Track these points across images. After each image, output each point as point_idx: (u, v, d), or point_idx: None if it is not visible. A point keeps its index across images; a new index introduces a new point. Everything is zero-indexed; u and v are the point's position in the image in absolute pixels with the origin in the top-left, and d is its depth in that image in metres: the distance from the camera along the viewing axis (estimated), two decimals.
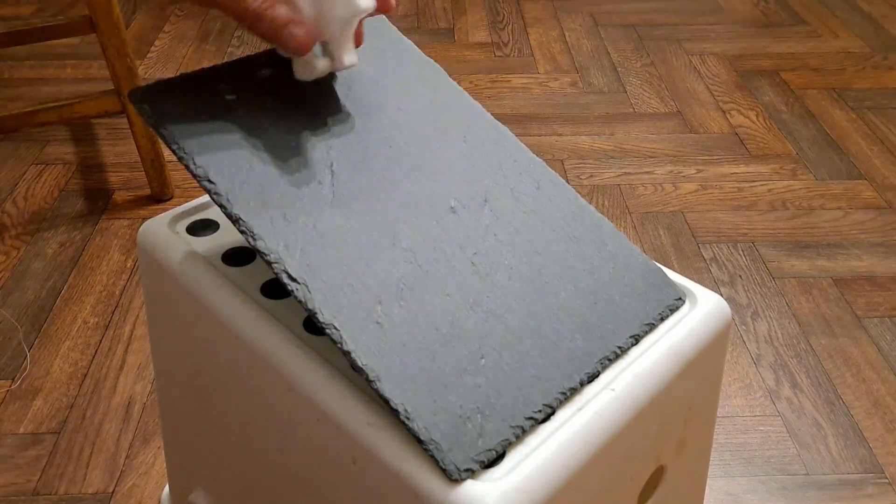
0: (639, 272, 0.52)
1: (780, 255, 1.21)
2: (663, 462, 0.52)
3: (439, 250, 0.48)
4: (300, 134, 0.52)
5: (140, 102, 0.49)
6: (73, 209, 1.30)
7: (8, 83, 1.67)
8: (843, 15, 1.96)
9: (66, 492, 0.86)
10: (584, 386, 0.46)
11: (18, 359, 1.03)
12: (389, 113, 0.55)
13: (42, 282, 1.15)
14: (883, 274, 1.17)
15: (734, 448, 0.92)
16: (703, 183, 1.37)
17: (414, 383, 0.43)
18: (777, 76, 1.70)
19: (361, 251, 0.47)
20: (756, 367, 1.02)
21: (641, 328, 0.49)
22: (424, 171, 0.52)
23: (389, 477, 0.42)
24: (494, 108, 1.59)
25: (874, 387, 0.99)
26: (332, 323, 0.43)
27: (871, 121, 1.54)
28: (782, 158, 1.44)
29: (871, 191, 1.35)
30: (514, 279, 0.48)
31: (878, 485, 0.88)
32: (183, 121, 0.49)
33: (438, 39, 1.86)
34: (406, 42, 0.61)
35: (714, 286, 1.15)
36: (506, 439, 0.42)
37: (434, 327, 0.45)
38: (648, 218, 1.29)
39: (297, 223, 0.47)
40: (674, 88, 1.65)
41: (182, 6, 2.00)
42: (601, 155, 1.45)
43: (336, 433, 0.44)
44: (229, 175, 0.48)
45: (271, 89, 0.54)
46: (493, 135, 0.56)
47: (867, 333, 1.07)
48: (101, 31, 1.19)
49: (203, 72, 0.53)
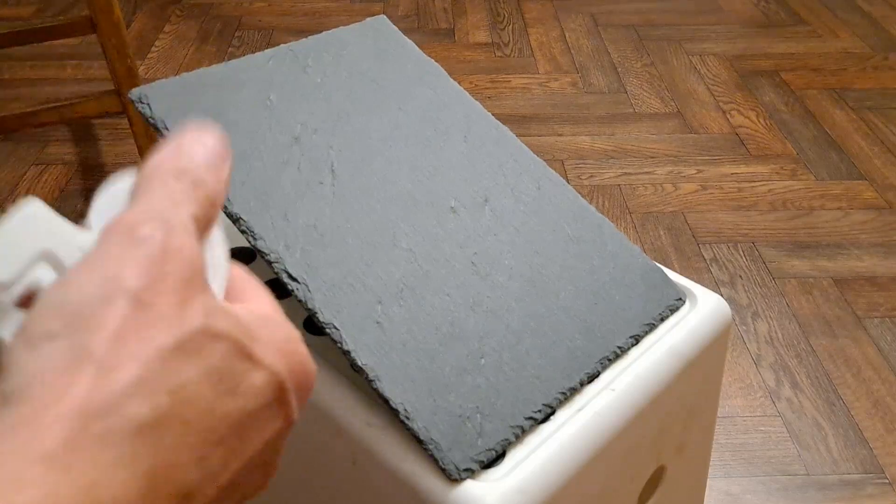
0: (639, 272, 0.52)
1: (781, 256, 1.21)
2: (663, 462, 0.52)
3: (439, 250, 0.48)
4: (300, 134, 0.52)
5: (140, 102, 0.49)
6: (73, 209, 1.30)
7: (8, 83, 1.67)
8: (844, 15, 1.96)
9: None
10: (584, 386, 0.46)
11: None
12: (390, 113, 0.55)
13: None
14: (883, 274, 1.17)
15: (734, 448, 0.92)
16: (704, 183, 1.37)
17: (414, 383, 0.43)
18: (777, 76, 1.70)
19: (361, 251, 0.47)
20: (756, 367, 1.02)
21: (641, 328, 0.49)
22: (425, 171, 0.52)
23: (389, 477, 0.42)
24: (494, 108, 1.59)
25: (874, 387, 0.99)
26: (332, 322, 0.43)
27: (872, 121, 1.54)
28: (782, 159, 1.44)
29: (871, 191, 1.35)
30: (514, 279, 0.48)
31: (878, 485, 0.88)
32: (183, 121, 0.50)
33: (439, 40, 1.86)
34: (407, 42, 0.61)
35: (714, 286, 1.15)
36: (505, 439, 0.42)
37: (434, 327, 0.45)
38: (649, 218, 1.29)
39: (298, 223, 0.47)
40: (674, 88, 1.65)
41: (182, 6, 2.00)
42: (601, 155, 1.45)
43: (336, 433, 0.44)
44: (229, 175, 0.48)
45: (271, 89, 0.54)
46: (493, 135, 0.56)
47: (867, 334, 1.07)
48: (102, 31, 1.19)
49: (203, 72, 0.53)
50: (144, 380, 0.20)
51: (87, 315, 0.21)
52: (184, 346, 0.21)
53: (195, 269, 0.23)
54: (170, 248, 0.22)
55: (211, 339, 0.22)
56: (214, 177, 0.25)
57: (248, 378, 0.22)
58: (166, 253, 0.22)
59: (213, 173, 0.25)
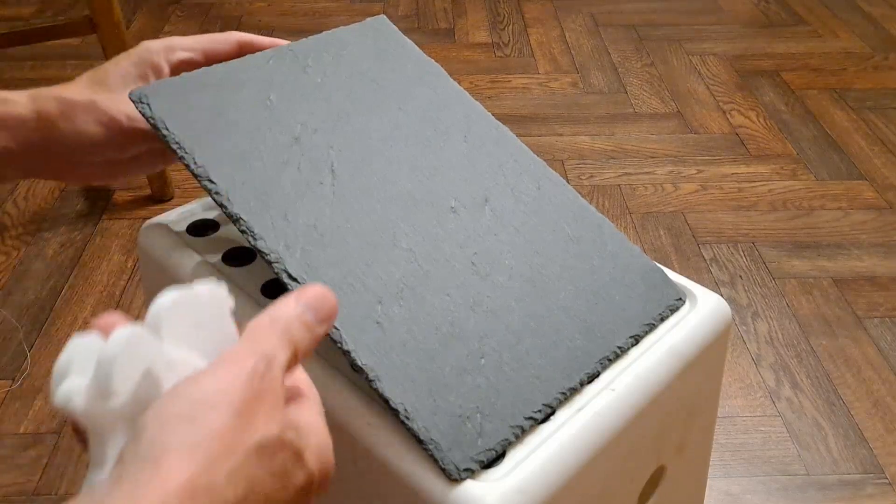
0: (639, 272, 0.52)
1: (781, 256, 1.21)
2: (663, 462, 0.52)
3: (439, 250, 0.48)
4: (300, 134, 0.52)
5: (140, 102, 0.49)
6: (73, 209, 1.30)
7: (9, 83, 1.67)
8: (844, 15, 1.96)
9: (67, 492, 0.86)
10: (584, 386, 0.46)
11: (19, 359, 1.03)
12: (390, 113, 0.55)
13: (42, 282, 1.15)
14: (883, 274, 1.17)
15: (734, 448, 0.92)
16: (704, 183, 1.37)
17: (414, 383, 0.43)
18: (777, 76, 1.70)
19: (362, 251, 0.47)
20: (756, 367, 1.02)
21: (641, 328, 0.49)
22: (425, 171, 0.52)
23: (389, 477, 0.42)
24: (494, 108, 1.59)
25: (874, 387, 0.99)
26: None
27: (872, 121, 1.54)
28: (783, 159, 1.44)
29: (871, 191, 1.35)
30: (515, 279, 0.48)
31: (878, 485, 0.88)
32: (183, 121, 0.50)
33: (439, 40, 1.86)
34: (407, 42, 0.61)
35: (714, 286, 1.15)
36: (505, 439, 0.42)
37: (434, 327, 0.45)
38: (649, 218, 1.29)
39: (298, 223, 0.47)
40: (674, 89, 1.65)
41: (182, 6, 2.00)
42: (601, 155, 1.45)
43: (336, 433, 0.44)
44: (230, 175, 0.48)
45: (271, 89, 0.54)
46: (493, 135, 0.56)
47: (867, 334, 1.07)
48: (102, 31, 1.19)
49: (203, 72, 0.53)
50: (234, 471, 0.28)
51: (203, 412, 0.29)
52: (263, 450, 0.30)
53: (278, 396, 0.32)
54: (265, 378, 0.31)
55: (280, 447, 0.30)
56: (310, 337, 0.35)
57: (295, 476, 0.31)
58: (262, 383, 0.31)
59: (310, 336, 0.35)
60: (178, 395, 0.30)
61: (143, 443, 0.28)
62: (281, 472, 0.30)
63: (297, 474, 0.31)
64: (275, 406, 0.31)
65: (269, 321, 0.34)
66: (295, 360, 0.34)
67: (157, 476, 0.27)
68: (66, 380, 0.31)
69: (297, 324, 0.34)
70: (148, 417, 0.29)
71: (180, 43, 0.54)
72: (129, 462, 0.28)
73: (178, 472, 0.27)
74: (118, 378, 0.30)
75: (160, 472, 0.27)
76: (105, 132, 0.50)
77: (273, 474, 0.30)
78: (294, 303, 0.35)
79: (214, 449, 0.28)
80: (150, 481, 0.27)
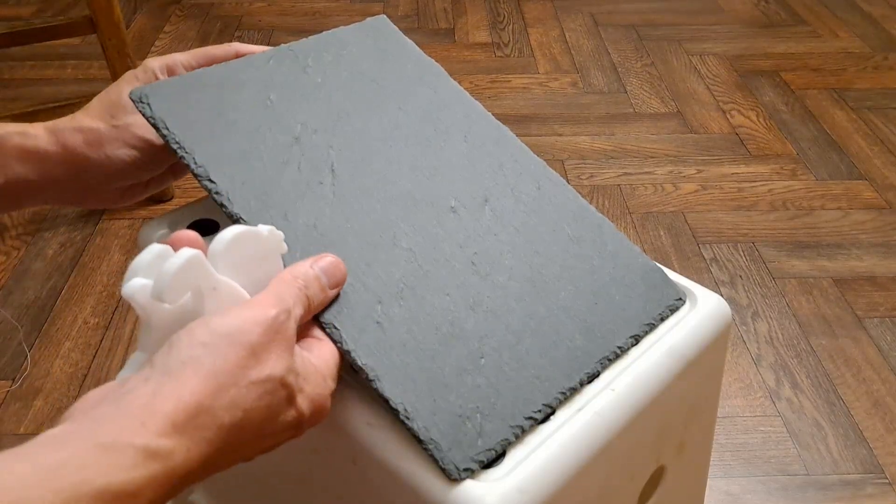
0: (639, 272, 0.52)
1: (781, 256, 1.21)
2: (663, 462, 0.52)
3: (439, 250, 0.48)
4: (300, 134, 0.52)
5: (140, 102, 0.50)
6: (73, 209, 1.30)
7: (8, 83, 1.67)
8: (844, 15, 1.96)
9: None
10: (584, 386, 0.46)
11: (19, 359, 1.03)
12: (390, 113, 0.55)
13: (42, 282, 1.15)
14: (883, 274, 1.17)
15: (734, 448, 0.92)
16: (704, 183, 1.37)
17: (413, 383, 0.43)
18: (777, 76, 1.70)
19: (361, 251, 0.47)
20: (756, 367, 1.02)
21: (641, 328, 0.49)
22: (425, 171, 0.52)
23: (389, 477, 0.42)
24: (494, 108, 1.59)
25: (874, 387, 0.99)
26: (331, 322, 0.43)
27: (872, 121, 1.54)
28: (782, 158, 1.44)
29: (871, 191, 1.35)
30: (514, 279, 0.48)
31: (878, 485, 0.88)
32: (183, 121, 0.50)
33: (439, 39, 1.86)
34: (407, 42, 0.61)
35: (714, 286, 1.15)
36: (505, 439, 0.42)
37: (434, 327, 0.45)
38: (649, 218, 1.29)
39: (298, 223, 0.47)
40: (674, 88, 1.65)
41: (182, 6, 2.00)
42: (601, 155, 1.45)
43: (336, 433, 0.44)
44: (230, 175, 0.48)
45: (271, 89, 0.54)
46: (493, 135, 0.56)
47: (867, 334, 1.07)
48: (102, 31, 1.19)
49: (203, 72, 0.53)
50: (235, 400, 0.34)
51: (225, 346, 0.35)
52: (263, 384, 0.35)
53: (290, 343, 0.37)
54: (282, 326, 0.37)
55: (280, 387, 0.36)
56: (322, 297, 0.42)
57: (285, 414, 0.37)
58: (278, 331, 0.37)
59: (322, 296, 0.42)
60: (208, 325, 0.35)
61: (171, 357, 0.34)
62: (275, 406, 0.36)
63: (287, 412, 0.36)
64: (285, 350, 0.37)
65: (292, 276, 0.40)
66: (308, 314, 0.40)
67: (175, 390, 0.33)
68: (136, 278, 0.38)
69: (315, 283, 0.41)
70: (182, 335, 0.35)
71: (182, 59, 0.54)
72: (157, 368, 0.34)
73: (191, 391, 0.33)
74: (171, 290, 0.36)
75: (177, 388, 0.33)
76: (137, 154, 0.51)
77: (267, 407, 0.35)
78: (311, 266, 0.41)
79: (224, 379, 0.34)
80: (169, 393, 0.33)
